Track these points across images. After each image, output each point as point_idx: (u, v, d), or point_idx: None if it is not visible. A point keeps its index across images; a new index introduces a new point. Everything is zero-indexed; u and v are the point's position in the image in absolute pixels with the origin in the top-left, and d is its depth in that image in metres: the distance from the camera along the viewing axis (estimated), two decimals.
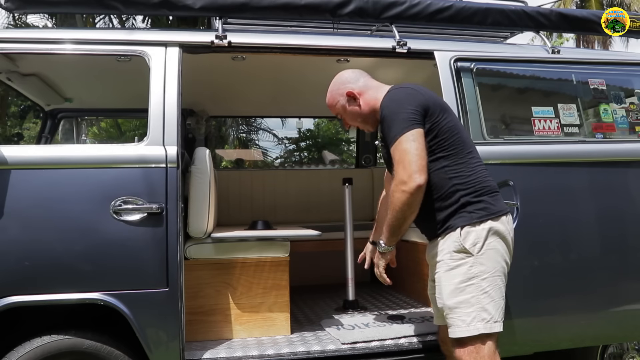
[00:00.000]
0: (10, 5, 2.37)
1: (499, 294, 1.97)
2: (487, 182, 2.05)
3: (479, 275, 1.94)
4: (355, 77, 2.27)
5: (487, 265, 1.95)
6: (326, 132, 22.33)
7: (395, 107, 2.02)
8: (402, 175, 1.91)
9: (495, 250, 1.97)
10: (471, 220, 1.97)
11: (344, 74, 2.30)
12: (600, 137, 2.76)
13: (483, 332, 1.91)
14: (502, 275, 1.99)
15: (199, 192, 2.59)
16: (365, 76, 2.29)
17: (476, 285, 1.93)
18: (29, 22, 12.35)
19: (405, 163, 1.91)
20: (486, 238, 1.96)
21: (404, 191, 1.91)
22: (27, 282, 2.11)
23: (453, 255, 1.98)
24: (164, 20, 10.74)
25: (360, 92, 2.23)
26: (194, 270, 2.61)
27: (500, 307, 1.96)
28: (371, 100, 2.21)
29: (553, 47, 2.84)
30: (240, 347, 2.48)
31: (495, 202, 2.02)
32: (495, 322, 1.94)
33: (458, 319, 1.95)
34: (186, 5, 2.49)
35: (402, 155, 1.93)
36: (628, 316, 2.67)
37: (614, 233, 2.66)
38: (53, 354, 2.14)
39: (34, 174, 2.18)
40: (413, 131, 1.95)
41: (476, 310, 1.93)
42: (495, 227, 1.97)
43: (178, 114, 2.34)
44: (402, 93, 2.07)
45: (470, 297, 1.93)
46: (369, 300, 3.56)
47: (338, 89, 2.27)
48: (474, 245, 1.95)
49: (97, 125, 18.82)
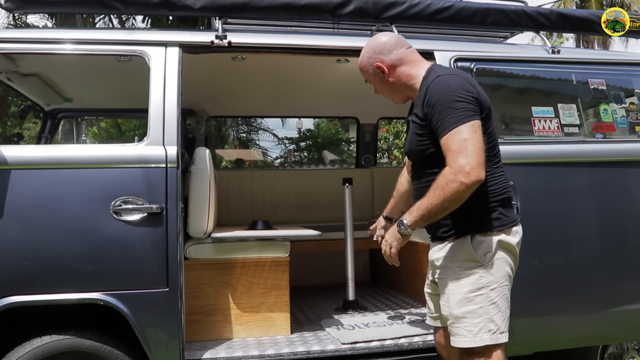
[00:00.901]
0: (10, 5, 2.37)
1: (506, 304, 1.92)
2: (507, 193, 1.97)
3: (489, 286, 1.89)
4: (390, 46, 2.04)
5: (496, 275, 1.90)
6: (326, 132, 22.34)
7: (451, 95, 1.83)
8: (463, 163, 1.74)
9: (503, 260, 1.92)
10: (483, 229, 1.90)
11: (380, 39, 2.07)
12: (600, 137, 2.76)
13: (489, 344, 1.87)
14: (508, 285, 1.95)
15: (199, 192, 2.59)
16: (402, 46, 2.06)
17: (485, 296, 1.88)
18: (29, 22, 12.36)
19: (469, 153, 1.74)
20: (496, 249, 1.90)
21: (462, 182, 1.73)
22: (27, 282, 2.11)
23: (463, 263, 1.92)
24: (164, 20, 10.75)
25: (392, 66, 2.03)
26: (194, 270, 2.61)
27: (506, 317, 1.92)
28: (404, 75, 2.03)
29: (553, 47, 2.84)
30: (240, 347, 2.48)
31: (508, 214, 1.96)
32: (502, 333, 1.89)
33: (464, 329, 1.90)
34: (186, 5, 2.49)
35: (462, 145, 1.76)
36: (628, 316, 2.67)
37: (614, 233, 2.66)
38: (53, 354, 2.14)
39: (34, 174, 2.18)
40: (474, 122, 1.80)
41: (483, 321, 1.88)
42: (506, 239, 1.92)
43: (178, 114, 2.34)
44: (459, 80, 1.88)
45: (478, 308, 1.88)
46: (369, 300, 3.56)
47: (369, 57, 2.06)
48: (485, 255, 1.89)
49: (97, 125, 18.84)
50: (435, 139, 1.88)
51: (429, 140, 1.92)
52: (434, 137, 1.89)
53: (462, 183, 1.74)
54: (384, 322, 2.86)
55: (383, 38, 2.07)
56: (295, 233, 2.95)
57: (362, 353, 2.48)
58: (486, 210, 1.91)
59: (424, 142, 1.94)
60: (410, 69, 2.03)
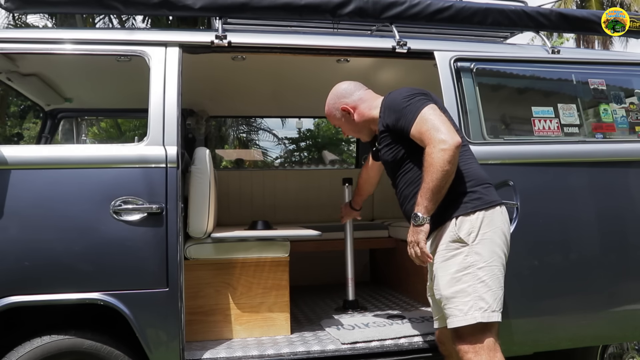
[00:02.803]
0: (10, 5, 2.37)
1: (497, 284, 1.97)
2: (480, 174, 2.09)
3: (475, 264, 1.95)
4: (350, 91, 2.35)
5: (483, 254, 1.96)
6: (326, 132, 22.32)
7: (402, 97, 2.07)
8: (436, 136, 1.93)
9: (490, 240, 1.98)
10: (465, 210, 1.99)
11: (340, 87, 2.38)
12: (600, 137, 2.76)
13: (481, 321, 1.91)
14: (499, 265, 1.99)
15: (199, 192, 2.59)
16: (361, 89, 2.36)
17: (472, 274, 1.94)
18: (29, 22, 12.36)
19: (438, 126, 1.94)
20: (480, 227, 1.97)
21: (444, 150, 1.90)
22: (27, 282, 2.11)
23: (449, 245, 1.99)
24: (164, 20, 10.75)
25: (355, 106, 2.32)
26: (194, 270, 2.61)
27: (498, 297, 1.96)
28: (365, 112, 2.29)
29: (553, 47, 2.84)
30: (240, 347, 2.48)
31: (488, 193, 2.05)
32: (493, 311, 1.93)
33: (455, 309, 1.95)
34: (186, 5, 2.49)
35: (430, 124, 1.96)
36: (628, 316, 2.67)
37: (614, 233, 2.66)
38: (53, 354, 2.14)
39: (34, 174, 2.18)
40: (430, 105, 2.02)
41: (473, 299, 1.92)
42: (488, 216, 1.99)
43: (178, 114, 2.34)
44: (403, 89, 2.13)
45: (467, 287, 1.94)
46: (369, 300, 3.56)
47: (334, 103, 2.37)
48: (469, 235, 1.96)
49: (97, 125, 18.82)
50: (402, 141, 2.09)
51: (397, 144, 2.13)
52: (400, 139, 2.09)
53: (445, 150, 1.90)
54: (384, 322, 2.86)
55: (343, 85, 2.38)
56: (295, 233, 2.95)
57: (362, 353, 2.48)
58: (464, 192, 2.01)
59: (394, 147, 2.14)
60: (370, 103, 2.30)
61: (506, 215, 2.08)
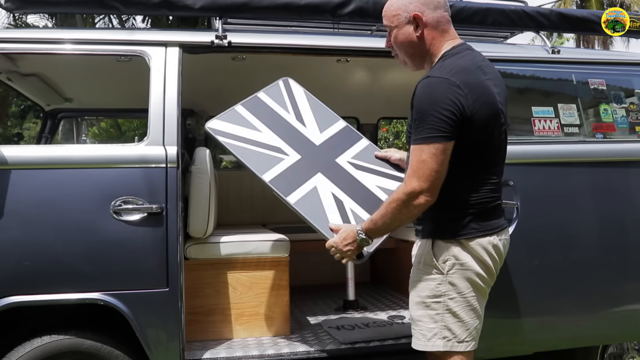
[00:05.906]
0: (10, 5, 2.37)
1: (470, 315, 1.81)
2: (487, 204, 1.84)
3: (447, 295, 1.79)
4: (437, 3, 1.87)
5: (458, 285, 1.79)
6: None
7: (429, 105, 1.72)
8: (414, 186, 1.72)
9: (469, 270, 1.79)
10: (445, 236, 1.81)
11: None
12: (600, 137, 2.76)
13: (442, 350, 1.81)
14: (475, 296, 1.81)
15: (199, 192, 2.59)
16: (447, 11, 1.90)
17: (443, 304, 1.80)
18: (29, 22, 12.36)
19: (423, 177, 1.71)
20: (459, 258, 1.79)
21: (410, 204, 1.74)
22: (27, 282, 2.11)
23: (424, 267, 1.85)
24: (164, 20, 10.74)
25: (427, 23, 1.86)
26: (194, 270, 2.61)
27: (468, 328, 1.80)
28: (429, 40, 1.87)
29: (553, 47, 2.84)
30: (240, 347, 2.48)
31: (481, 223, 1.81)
32: (460, 342, 1.80)
33: (419, 332, 1.85)
34: (186, 5, 2.48)
35: (419, 166, 1.72)
36: (628, 316, 2.67)
37: (614, 233, 2.66)
38: (53, 354, 2.14)
39: (34, 174, 2.18)
40: (438, 145, 1.70)
41: (439, 328, 1.80)
42: (472, 248, 1.79)
43: (178, 114, 2.34)
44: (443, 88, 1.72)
45: (435, 314, 1.81)
46: (369, 300, 3.56)
47: (411, 2, 1.86)
48: (445, 263, 1.79)
49: (97, 125, 18.82)
50: None
51: None
52: None
53: (410, 205, 1.74)
54: (384, 322, 2.86)
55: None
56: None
57: (362, 353, 2.48)
58: (452, 218, 1.81)
59: None
60: (439, 39, 1.88)
61: (497, 243, 1.83)
